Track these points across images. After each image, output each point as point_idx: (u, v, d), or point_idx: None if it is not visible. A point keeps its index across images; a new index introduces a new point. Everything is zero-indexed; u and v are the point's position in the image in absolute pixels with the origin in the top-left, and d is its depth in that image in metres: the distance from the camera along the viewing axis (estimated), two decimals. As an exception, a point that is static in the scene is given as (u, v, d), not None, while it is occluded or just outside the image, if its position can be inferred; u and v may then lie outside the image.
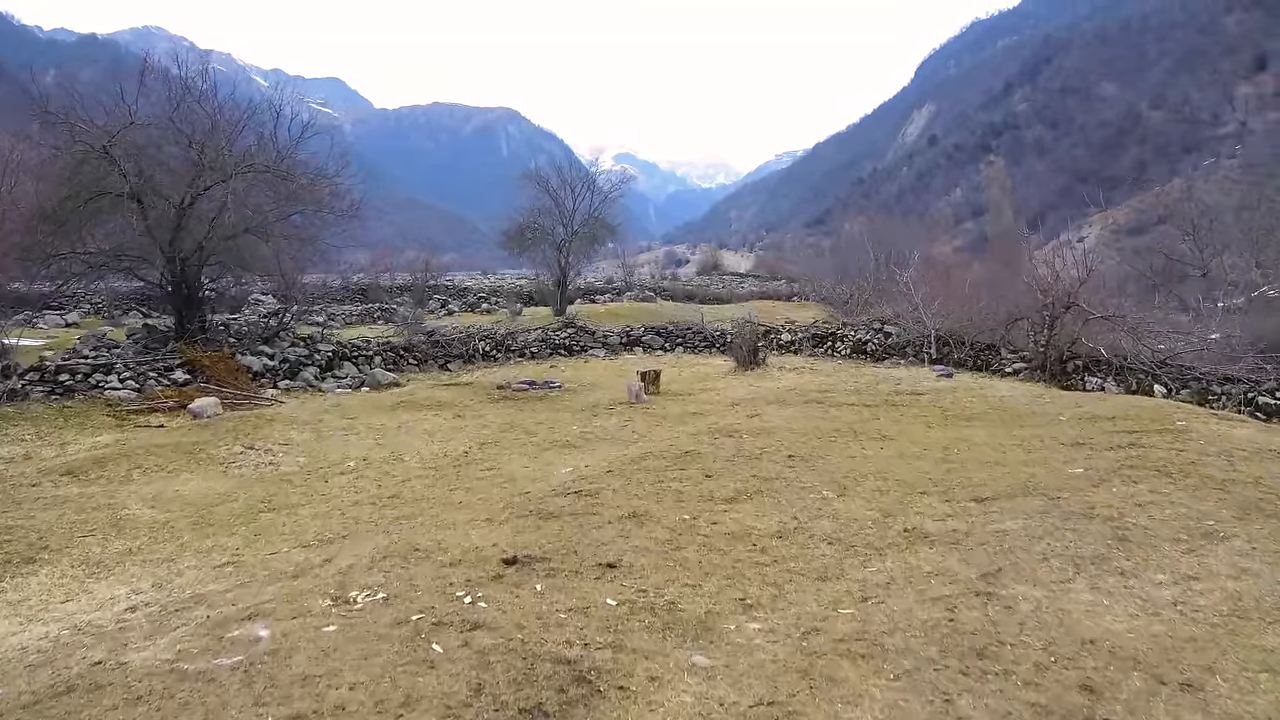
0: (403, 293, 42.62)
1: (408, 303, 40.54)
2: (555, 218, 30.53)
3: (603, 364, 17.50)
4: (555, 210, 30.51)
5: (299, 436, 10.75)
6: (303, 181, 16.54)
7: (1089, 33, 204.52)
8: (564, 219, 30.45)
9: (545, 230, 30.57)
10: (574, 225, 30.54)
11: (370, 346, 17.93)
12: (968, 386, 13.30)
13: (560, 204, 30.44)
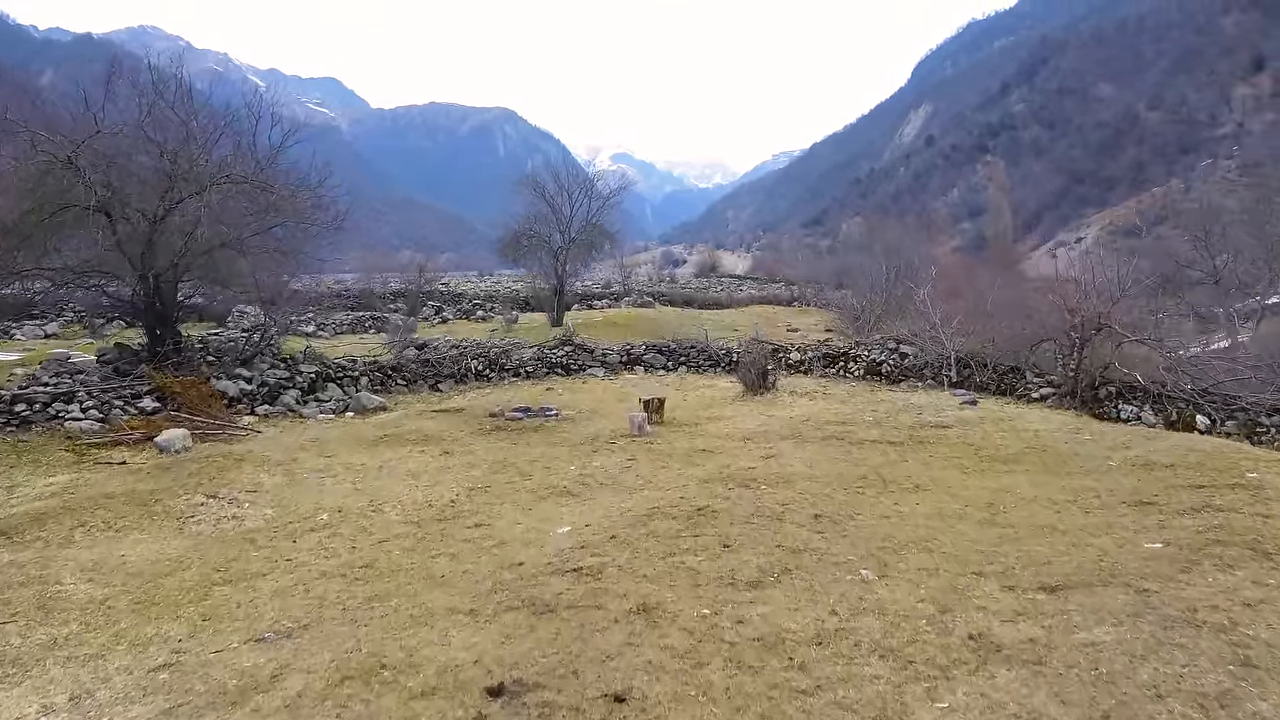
0: (397, 299, 41.61)
1: (402, 309, 39.56)
2: (552, 225, 29.54)
3: (602, 385, 16.50)
4: (552, 217, 29.51)
5: (269, 480, 9.74)
6: (283, 193, 15.50)
7: (1086, 33, 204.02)
8: (561, 226, 29.47)
9: (542, 238, 29.59)
10: (571, 232, 29.54)
11: (356, 366, 16.91)
12: (996, 417, 12.32)
13: (557, 210, 29.44)
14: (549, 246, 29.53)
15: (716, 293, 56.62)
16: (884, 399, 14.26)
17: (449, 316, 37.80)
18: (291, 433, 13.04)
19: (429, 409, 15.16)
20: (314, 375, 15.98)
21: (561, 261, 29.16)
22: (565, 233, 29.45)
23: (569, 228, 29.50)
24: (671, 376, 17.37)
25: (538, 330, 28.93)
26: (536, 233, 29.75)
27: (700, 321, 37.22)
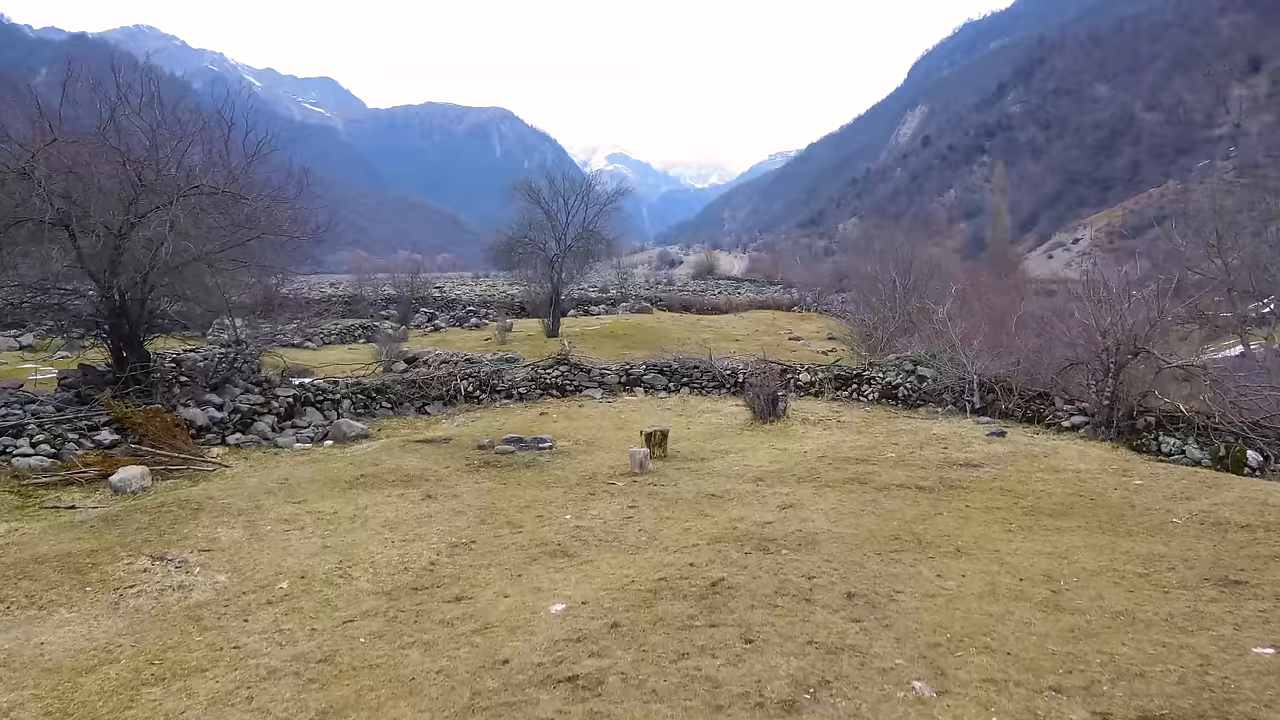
0: (389, 305, 40.51)
1: (393, 316, 38.45)
2: (547, 231, 28.47)
3: (599, 410, 15.42)
4: (547, 223, 28.43)
5: (227, 535, 8.65)
6: (258, 204, 14.39)
7: (1082, 34, 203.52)
8: (556, 233, 28.39)
9: (537, 245, 28.50)
10: (567, 239, 28.46)
11: (338, 389, 15.81)
12: (1029, 453, 11.28)
13: (553, 217, 28.36)
14: (544, 254, 28.45)
15: (715, 297, 55.57)
16: (903, 428, 13.21)
17: (441, 325, 36.70)
18: (262, 467, 11.95)
19: (414, 436, 14.08)
20: (291, 400, 14.88)
21: (557, 269, 28.07)
22: (561, 240, 28.38)
23: (565, 235, 28.42)
24: (673, 399, 16.30)
25: (533, 341, 27.87)
26: (531, 239, 28.66)
27: (700, 329, 36.19)
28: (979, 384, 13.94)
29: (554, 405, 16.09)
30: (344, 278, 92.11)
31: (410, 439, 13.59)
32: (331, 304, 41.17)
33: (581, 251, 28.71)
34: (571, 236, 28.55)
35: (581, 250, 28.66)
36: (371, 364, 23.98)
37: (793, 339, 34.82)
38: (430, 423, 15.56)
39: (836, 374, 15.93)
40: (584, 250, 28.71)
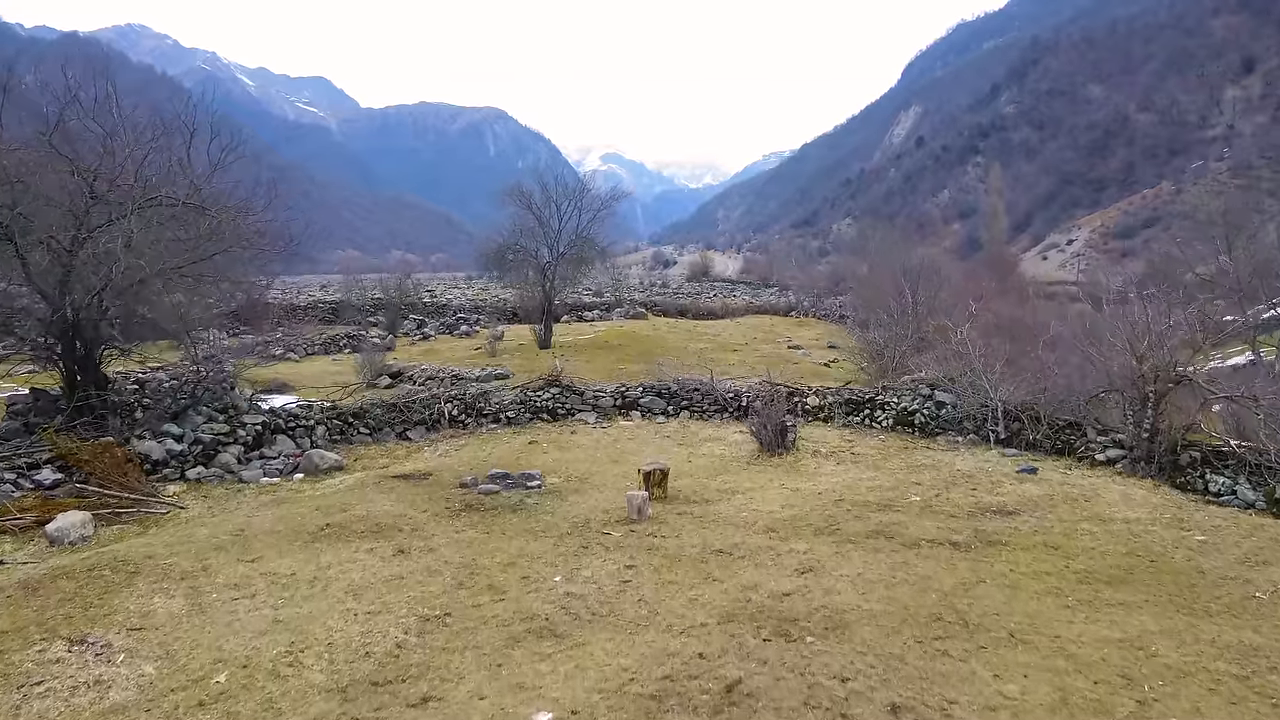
0: (377, 311, 39.33)
1: (382, 322, 37.26)
2: (539, 238, 27.31)
3: (593, 438, 14.27)
4: (539, 230, 27.27)
5: (164, 606, 7.49)
6: (224, 216, 13.20)
7: (1075, 35, 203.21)
8: (549, 240, 27.23)
9: (528, 252, 27.34)
10: (560, 247, 27.31)
11: (311, 414, 14.62)
12: (1066, 495, 10.19)
13: (545, 224, 27.20)
14: (535, 261, 27.29)
15: (710, 301, 54.50)
16: (924, 463, 12.10)
17: (430, 333, 35.51)
18: (221, 510, 10.78)
19: (392, 470, 12.92)
20: (260, 427, 13.71)
21: (549, 277, 26.91)
22: (553, 247, 27.23)
23: (557, 242, 27.27)
24: (673, 424, 15.14)
25: (524, 353, 26.71)
26: (523, 246, 27.50)
27: (696, 336, 35.09)
28: (1003, 412, 12.85)
29: (544, 432, 14.93)
30: (337, 278, 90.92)
31: (387, 473, 12.43)
32: (317, 311, 40.02)
33: (575, 258, 27.56)
34: (564, 243, 27.40)
35: (575, 257, 27.51)
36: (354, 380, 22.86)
37: (792, 347, 33.72)
38: (411, 450, 14.41)
39: (847, 398, 14.77)
40: (577, 257, 27.56)
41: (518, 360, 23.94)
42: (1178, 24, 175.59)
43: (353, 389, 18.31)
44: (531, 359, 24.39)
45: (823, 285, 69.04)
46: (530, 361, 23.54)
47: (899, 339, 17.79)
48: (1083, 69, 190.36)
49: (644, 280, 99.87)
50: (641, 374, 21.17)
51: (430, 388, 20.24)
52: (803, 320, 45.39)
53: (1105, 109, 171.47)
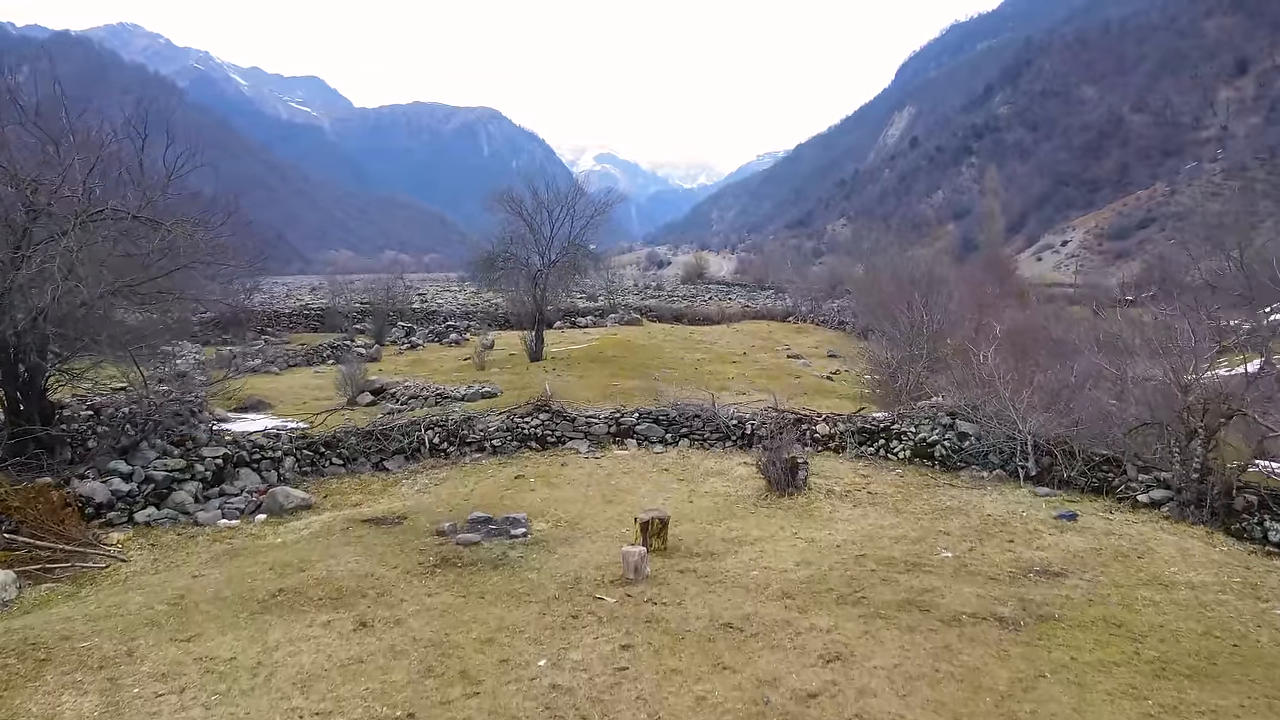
0: (364, 317, 38.05)
1: (369, 330, 36.01)
2: (530, 246, 26.08)
3: (585, 471, 13.07)
4: (530, 237, 26.05)
5: (74, 707, 6.26)
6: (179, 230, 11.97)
7: (1069, 35, 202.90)
8: (540, 247, 26.01)
9: (519, 260, 26.11)
10: (551, 254, 26.09)
11: (280, 443, 13.40)
12: (1116, 549, 9.06)
13: (536, 230, 25.98)
14: (527, 270, 26.07)
15: (706, 306, 53.33)
16: (949, 504, 10.95)
17: (419, 342, 34.23)
18: (166, 564, 9.57)
19: (364, 506, 11.74)
20: (221, 461, 12.48)
21: (541, 286, 25.69)
22: (545, 254, 26.01)
23: (549, 249, 26.04)
24: (671, 454, 13.96)
25: (514, 365, 25.47)
26: (513, 254, 26.27)
27: (693, 344, 33.95)
28: (1033, 445, 11.73)
29: (533, 463, 13.73)
30: (330, 278, 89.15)
31: (358, 514, 11.21)
32: (302, 318, 38.72)
33: (567, 266, 26.35)
34: (556, 250, 26.19)
35: (567, 265, 26.30)
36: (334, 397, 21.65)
37: (791, 356, 32.62)
38: (388, 484, 13.21)
39: (860, 426, 13.61)
40: (570, 265, 26.35)
41: (507, 375, 22.73)
42: (1170, 25, 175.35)
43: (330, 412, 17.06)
44: (522, 373, 23.20)
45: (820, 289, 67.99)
46: (520, 376, 22.34)
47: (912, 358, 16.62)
48: (1076, 70, 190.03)
49: (638, 282, 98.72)
50: (637, 391, 20.02)
51: (413, 407, 19.08)
52: (801, 327, 44.27)
53: (1099, 110, 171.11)
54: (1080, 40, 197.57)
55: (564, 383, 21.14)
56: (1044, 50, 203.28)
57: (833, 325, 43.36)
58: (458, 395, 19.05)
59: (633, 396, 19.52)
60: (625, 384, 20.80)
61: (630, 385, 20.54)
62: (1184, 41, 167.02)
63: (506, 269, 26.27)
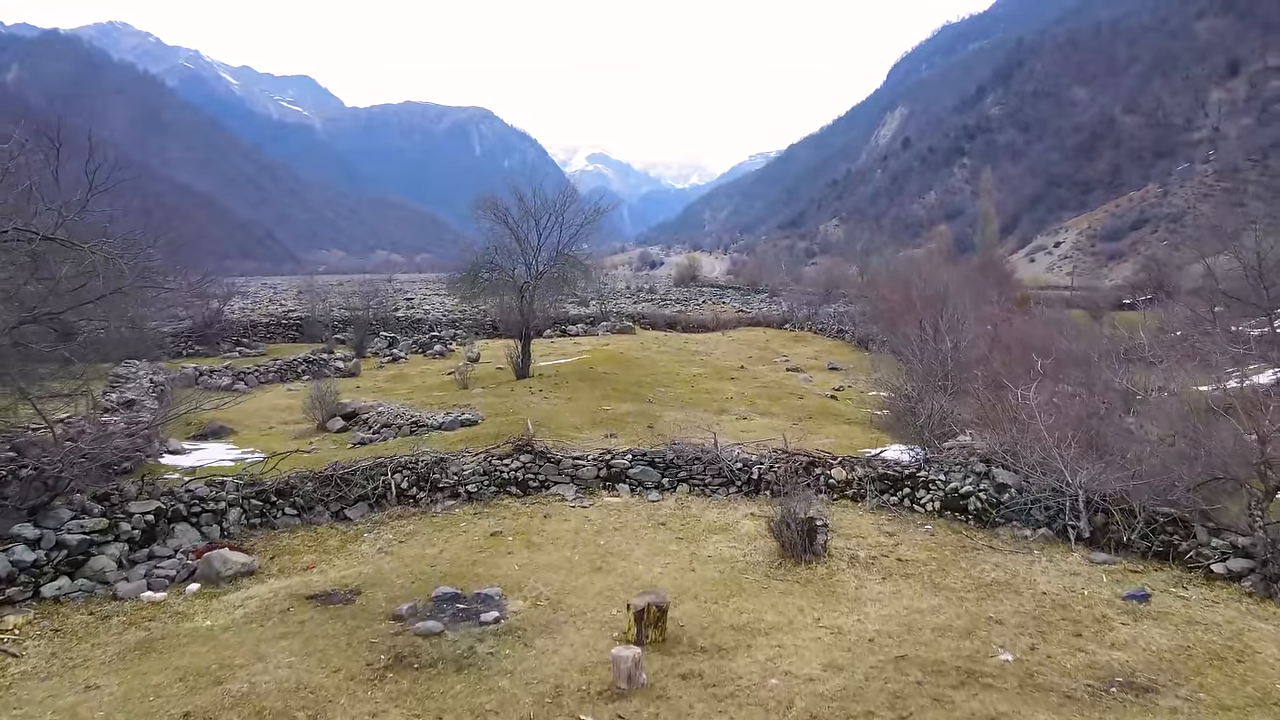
0: (345, 327, 36.29)
1: (350, 340, 34.29)
2: (516, 257, 24.40)
3: (571, 525, 11.38)
4: (516, 247, 24.37)
5: None
6: (98, 253, 10.28)
7: (1060, 37, 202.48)
8: (527, 258, 24.32)
9: (505, 271, 24.40)
10: (539, 265, 24.40)
11: (224, 493, 11.69)
12: (1208, 647, 7.49)
13: (523, 240, 24.31)
14: (512, 282, 24.37)
15: (700, 312, 51.76)
16: (994, 575, 9.34)
17: (401, 354, 32.54)
18: (64, 659, 7.87)
19: (315, 572, 10.07)
20: (153, 517, 10.79)
21: (527, 300, 24.01)
22: (531, 266, 24.32)
23: (536, 260, 24.36)
24: (669, 503, 12.29)
25: (499, 382, 23.81)
26: (498, 266, 24.56)
27: (687, 356, 32.39)
28: (1085, 501, 10.16)
29: (512, 513, 12.06)
30: (328, 278, 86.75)
31: (305, 588, 9.55)
32: (281, 328, 36.96)
33: (556, 278, 24.67)
34: (544, 262, 24.51)
35: (556, 277, 24.62)
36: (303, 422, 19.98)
37: (791, 369, 31.05)
38: (347, 539, 11.54)
39: (882, 473, 12.00)
40: (559, 276, 24.68)
41: (490, 397, 21.06)
42: (1161, 26, 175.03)
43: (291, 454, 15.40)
44: (506, 395, 21.53)
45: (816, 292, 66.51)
46: (504, 399, 20.68)
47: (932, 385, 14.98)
48: (1067, 71, 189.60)
49: (631, 284, 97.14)
50: (630, 417, 18.40)
51: (385, 436, 17.43)
52: (799, 335, 42.70)
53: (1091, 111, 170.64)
54: (1071, 41, 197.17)
55: (551, 406, 19.52)
56: (1035, 51, 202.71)
57: (831, 333, 41.82)
58: (434, 424, 17.38)
59: (625, 423, 17.91)
60: (617, 408, 19.18)
61: (623, 410, 18.92)
62: (1175, 43, 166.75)
63: (491, 281, 24.57)
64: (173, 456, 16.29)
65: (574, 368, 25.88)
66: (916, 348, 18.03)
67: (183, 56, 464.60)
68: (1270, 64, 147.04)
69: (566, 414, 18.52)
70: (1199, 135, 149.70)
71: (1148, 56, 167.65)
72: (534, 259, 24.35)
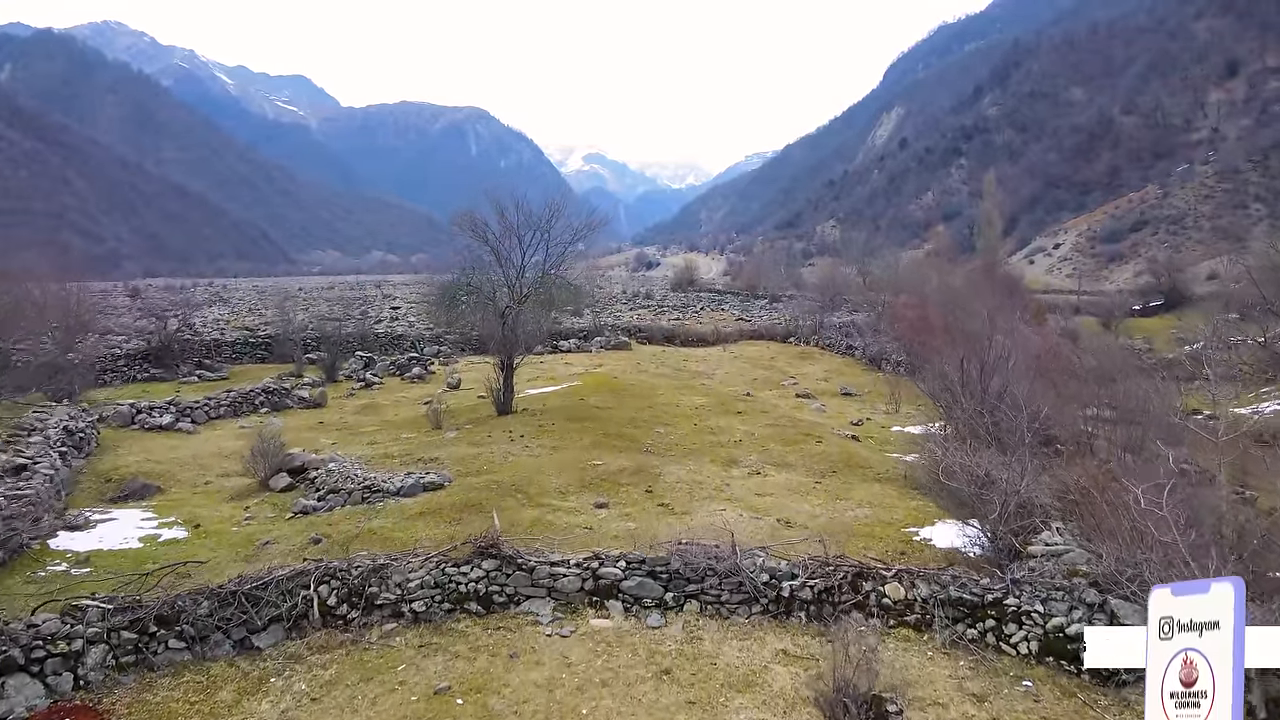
0: (319, 345, 33.27)
1: (323, 360, 31.30)
2: (498, 277, 21.42)
3: (544, 679, 8.21)
4: (498, 266, 21.41)
5: None
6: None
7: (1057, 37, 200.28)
8: (509, 279, 21.34)
9: (484, 294, 21.37)
10: (523, 287, 21.43)
11: (83, 625, 8.73)
12: None
13: (504, 259, 21.33)
14: (494, 305, 21.37)
15: (699, 324, 48.77)
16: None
17: (376, 377, 29.53)
18: None
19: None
20: (-27, 671, 7.82)
21: (509, 324, 21.04)
22: (515, 287, 21.34)
23: (519, 281, 21.40)
24: (674, 633, 9.20)
25: (478, 418, 20.86)
26: (477, 287, 21.57)
27: (686, 380, 29.48)
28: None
29: (468, 646, 9.04)
30: (320, 279, 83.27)
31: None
32: (249, 346, 33.91)
33: (542, 301, 21.70)
34: (529, 283, 21.57)
35: (542, 300, 21.66)
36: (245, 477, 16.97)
37: (801, 396, 28.12)
38: (246, 684, 8.56)
39: (955, 595, 8.96)
40: (545, 300, 21.71)
41: (464, 446, 18.05)
42: (1159, 27, 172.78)
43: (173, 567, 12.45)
44: (483, 439, 18.54)
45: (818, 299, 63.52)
46: (480, 447, 17.69)
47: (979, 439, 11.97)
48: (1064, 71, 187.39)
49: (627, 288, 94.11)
50: (625, 476, 15.45)
51: (331, 505, 14.43)
52: (805, 351, 39.74)
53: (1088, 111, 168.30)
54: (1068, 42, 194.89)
55: (532, 459, 16.57)
56: (1032, 52, 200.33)
57: (839, 349, 38.91)
58: (392, 489, 14.41)
59: (618, 486, 14.98)
60: (610, 463, 16.24)
61: (616, 467, 15.97)
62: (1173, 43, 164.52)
63: (470, 305, 21.57)
64: (70, 535, 13.28)
65: (562, 399, 22.93)
66: (959, 391, 15.08)
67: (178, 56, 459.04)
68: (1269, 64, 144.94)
69: (550, 470, 15.58)
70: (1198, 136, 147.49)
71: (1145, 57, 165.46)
72: (517, 280, 21.37)
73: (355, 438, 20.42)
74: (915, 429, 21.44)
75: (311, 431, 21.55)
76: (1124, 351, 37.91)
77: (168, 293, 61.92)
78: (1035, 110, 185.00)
